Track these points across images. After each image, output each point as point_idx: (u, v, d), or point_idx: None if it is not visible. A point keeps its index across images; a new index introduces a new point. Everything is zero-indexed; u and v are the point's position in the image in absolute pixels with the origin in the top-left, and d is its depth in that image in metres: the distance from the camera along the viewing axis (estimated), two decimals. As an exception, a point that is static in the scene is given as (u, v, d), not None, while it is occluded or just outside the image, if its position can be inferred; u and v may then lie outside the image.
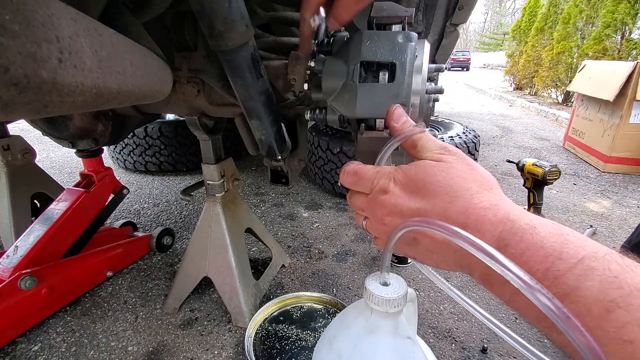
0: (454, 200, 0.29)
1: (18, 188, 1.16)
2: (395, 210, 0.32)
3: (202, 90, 0.75)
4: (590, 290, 0.21)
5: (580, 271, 0.22)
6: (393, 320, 0.40)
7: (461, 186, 0.30)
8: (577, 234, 0.25)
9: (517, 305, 0.27)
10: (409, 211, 0.31)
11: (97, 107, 0.37)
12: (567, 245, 0.24)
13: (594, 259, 0.22)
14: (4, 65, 0.24)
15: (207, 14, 0.46)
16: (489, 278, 0.28)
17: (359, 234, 1.44)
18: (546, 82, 5.32)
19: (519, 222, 0.26)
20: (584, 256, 0.23)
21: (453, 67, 17.46)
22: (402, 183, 0.32)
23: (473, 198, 0.29)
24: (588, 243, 0.24)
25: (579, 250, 0.23)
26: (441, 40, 1.34)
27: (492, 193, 0.30)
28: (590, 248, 0.23)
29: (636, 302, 0.20)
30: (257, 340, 0.87)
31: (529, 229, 0.25)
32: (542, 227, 0.25)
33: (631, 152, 2.17)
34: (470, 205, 0.28)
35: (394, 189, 0.32)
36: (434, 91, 0.46)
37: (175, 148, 2.09)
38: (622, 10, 3.88)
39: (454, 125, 2.11)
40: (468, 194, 0.29)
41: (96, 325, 0.95)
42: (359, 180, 0.35)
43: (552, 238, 0.24)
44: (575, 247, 0.23)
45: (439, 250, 0.32)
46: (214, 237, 0.94)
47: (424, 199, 0.31)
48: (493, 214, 0.27)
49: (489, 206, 0.28)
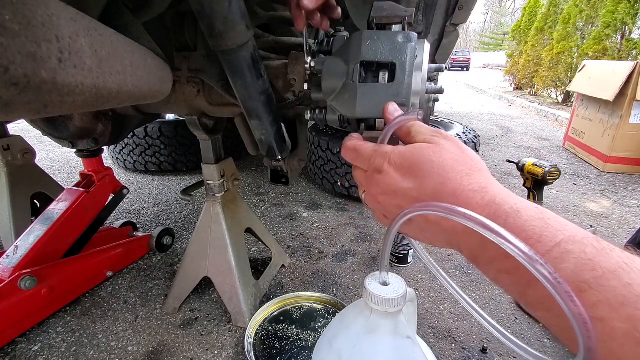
0: (445, 182, 0.30)
1: (18, 188, 1.16)
2: (388, 190, 0.34)
3: (202, 90, 0.75)
4: (565, 271, 0.22)
5: (557, 254, 0.23)
6: (393, 320, 0.40)
7: (453, 168, 0.31)
8: (559, 218, 0.26)
9: (502, 283, 0.29)
10: (401, 191, 0.33)
11: (97, 107, 0.37)
12: (547, 229, 0.25)
13: (571, 243, 0.24)
14: (4, 65, 0.24)
15: (207, 14, 0.46)
16: (477, 257, 0.30)
17: (359, 234, 1.44)
18: (546, 82, 5.32)
19: (504, 205, 0.27)
20: (562, 240, 0.24)
21: (453, 67, 17.45)
22: (397, 164, 0.33)
23: (463, 180, 0.30)
24: (568, 227, 0.25)
25: (558, 234, 0.24)
26: (441, 40, 1.34)
27: (482, 175, 0.31)
28: (569, 232, 0.24)
29: (607, 284, 0.21)
30: (257, 340, 0.87)
31: (512, 212, 0.27)
32: (525, 211, 0.27)
33: (631, 152, 2.17)
34: (460, 187, 0.30)
35: (389, 169, 0.34)
36: (434, 91, 0.46)
37: (175, 148, 2.09)
38: (622, 10, 3.88)
39: (454, 125, 2.11)
40: (459, 176, 0.30)
41: (96, 325, 0.95)
42: (357, 156, 0.37)
43: (534, 222, 0.26)
44: (554, 231, 0.25)
45: (430, 229, 0.33)
46: (214, 237, 0.94)
47: (417, 179, 0.32)
48: (481, 197, 0.29)
49: (478, 189, 0.29)
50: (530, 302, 0.26)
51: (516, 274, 0.26)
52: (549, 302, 0.24)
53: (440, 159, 0.31)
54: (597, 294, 0.21)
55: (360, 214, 1.62)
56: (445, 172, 0.31)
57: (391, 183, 0.33)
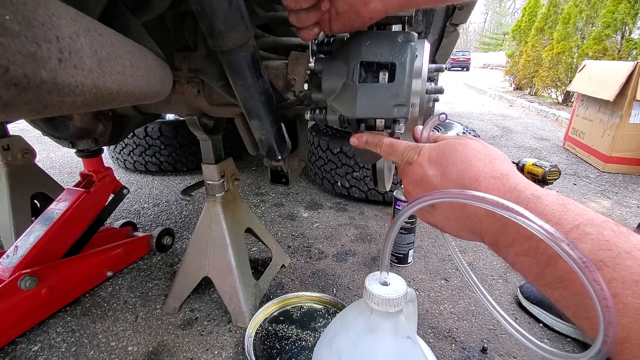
0: (467, 169, 0.33)
1: (18, 188, 1.16)
2: (416, 179, 0.37)
3: (202, 90, 0.75)
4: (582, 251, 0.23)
5: (576, 235, 0.24)
6: (393, 320, 0.40)
7: (475, 156, 0.33)
8: (580, 205, 0.27)
9: (520, 265, 0.29)
10: (427, 179, 0.35)
11: (97, 107, 0.37)
12: (566, 213, 0.26)
13: (589, 225, 0.25)
14: (4, 65, 0.24)
15: (207, 14, 0.46)
16: (497, 242, 0.31)
17: (359, 234, 1.44)
18: (546, 82, 5.32)
19: (525, 192, 0.29)
20: (580, 222, 0.25)
21: (453, 67, 17.45)
22: (426, 155, 0.36)
23: (485, 167, 0.32)
24: (587, 212, 0.26)
25: (577, 218, 0.25)
26: (441, 40, 1.34)
27: (504, 164, 0.33)
28: (588, 216, 0.25)
29: (623, 263, 0.22)
30: (257, 340, 0.87)
31: (533, 198, 0.28)
32: (546, 197, 0.28)
33: (631, 152, 2.17)
34: (482, 173, 0.32)
35: (418, 159, 0.37)
36: (434, 91, 0.46)
37: (175, 148, 2.09)
38: (622, 10, 3.88)
39: (454, 125, 2.11)
40: (481, 163, 0.33)
41: (96, 325, 0.95)
42: (393, 151, 0.41)
43: (554, 207, 0.27)
44: (573, 215, 0.26)
45: (455, 217, 0.35)
46: (214, 237, 0.94)
47: (441, 167, 0.34)
48: (502, 184, 0.30)
49: (499, 175, 0.31)
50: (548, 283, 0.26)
51: (535, 255, 0.27)
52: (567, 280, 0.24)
53: (464, 149, 0.34)
54: (611, 271, 0.22)
55: (360, 214, 1.62)
56: (468, 160, 0.33)
57: (419, 172, 0.36)
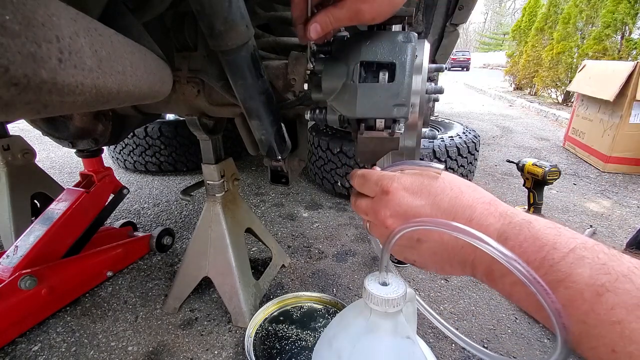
0: (459, 196, 0.31)
1: (18, 188, 1.16)
2: (399, 210, 0.33)
3: (202, 90, 0.75)
4: (582, 276, 0.23)
5: (573, 259, 0.24)
6: (392, 320, 0.40)
7: (463, 183, 0.33)
8: (568, 228, 0.27)
9: (517, 297, 0.29)
10: (412, 210, 0.32)
11: (97, 107, 0.37)
12: (560, 237, 0.26)
13: (584, 249, 0.25)
14: (4, 65, 0.24)
15: (207, 14, 0.46)
16: (491, 272, 0.30)
17: (359, 234, 1.44)
18: (546, 82, 5.32)
19: (516, 217, 0.29)
20: (575, 246, 0.25)
21: (453, 67, 17.45)
22: (406, 184, 0.34)
23: (476, 194, 0.32)
24: (578, 236, 0.26)
25: (571, 242, 0.25)
26: (441, 40, 1.34)
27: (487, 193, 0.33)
28: (581, 240, 0.26)
29: (622, 287, 0.22)
30: (257, 340, 0.87)
31: (525, 223, 0.28)
32: (536, 221, 0.28)
33: (631, 152, 2.17)
34: (475, 199, 0.31)
35: (397, 188, 0.34)
36: (434, 91, 0.46)
37: (175, 148, 2.09)
38: (622, 10, 3.88)
39: (454, 125, 2.11)
40: (470, 190, 0.32)
41: (96, 325, 0.95)
42: (365, 182, 0.37)
43: (547, 230, 0.27)
44: (567, 239, 0.26)
45: (444, 250, 0.33)
46: (214, 237, 0.94)
47: (429, 196, 0.32)
48: (495, 209, 0.30)
49: (490, 200, 0.31)
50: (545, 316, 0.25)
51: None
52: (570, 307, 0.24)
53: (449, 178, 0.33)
54: (614, 296, 0.22)
55: (360, 214, 1.62)
56: (458, 187, 0.32)
57: (401, 202, 0.33)
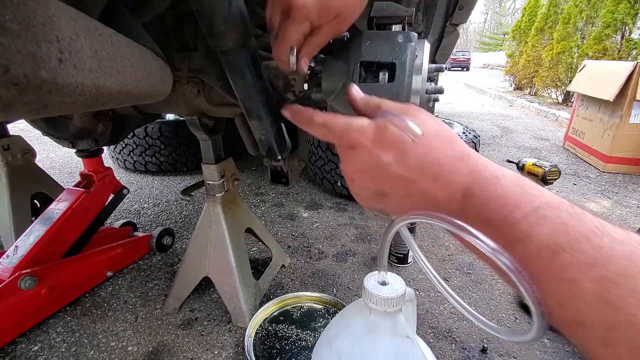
0: (429, 152, 0.29)
1: (18, 188, 1.16)
2: (364, 167, 0.32)
3: (202, 90, 0.75)
4: (541, 236, 0.24)
5: (534, 219, 0.24)
6: (392, 319, 0.40)
7: (435, 136, 0.30)
8: (536, 185, 0.27)
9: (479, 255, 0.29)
10: (380, 167, 0.30)
11: (97, 107, 0.37)
12: (524, 196, 0.26)
13: (547, 208, 0.25)
14: (4, 65, 0.24)
15: (207, 14, 0.46)
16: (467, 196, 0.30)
17: (359, 234, 1.44)
18: (546, 82, 5.32)
19: (484, 172, 0.28)
20: (538, 205, 0.25)
21: (453, 67, 17.45)
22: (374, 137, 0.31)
23: (447, 148, 0.30)
24: (544, 194, 0.26)
25: (535, 200, 0.25)
26: (441, 40, 1.34)
27: (462, 143, 0.31)
28: (546, 198, 0.26)
29: (579, 247, 0.22)
30: (257, 340, 0.87)
31: (492, 179, 0.28)
32: (504, 178, 0.28)
33: (631, 152, 2.17)
34: (444, 155, 0.29)
35: (365, 143, 0.31)
36: (434, 91, 0.46)
37: (175, 148, 2.09)
38: (622, 10, 3.88)
39: (454, 125, 2.11)
40: (442, 144, 0.30)
41: (96, 325, 0.95)
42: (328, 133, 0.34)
43: (512, 188, 0.27)
44: (531, 197, 0.26)
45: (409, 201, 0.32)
46: (214, 237, 0.94)
47: (398, 152, 0.30)
48: (464, 164, 0.29)
49: (461, 156, 0.30)
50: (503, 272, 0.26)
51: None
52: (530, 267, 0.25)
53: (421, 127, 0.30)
54: (569, 256, 0.22)
55: (361, 213, 1.62)
56: (429, 142, 0.29)
57: (368, 159, 0.31)
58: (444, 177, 0.29)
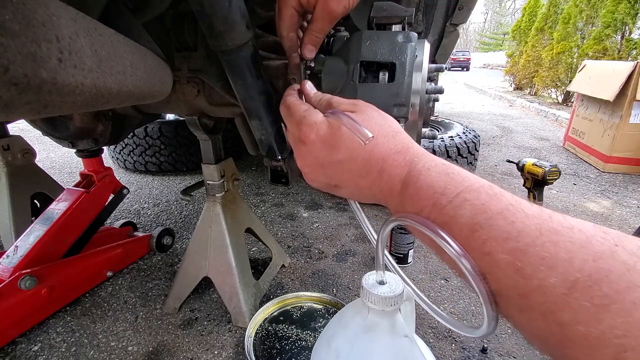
0: (374, 149, 0.32)
1: (18, 188, 1.16)
2: (315, 163, 0.35)
3: (202, 90, 0.75)
4: (463, 217, 0.26)
5: (457, 202, 0.26)
6: (390, 318, 0.40)
7: (380, 133, 0.33)
8: (463, 171, 0.29)
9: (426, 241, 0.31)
10: (331, 164, 0.34)
11: (97, 107, 0.37)
12: (450, 183, 0.28)
13: (468, 192, 0.27)
14: (4, 65, 0.24)
15: (207, 14, 0.46)
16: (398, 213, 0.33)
17: (359, 234, 1.44)
18: (546, 82, 5.32)
19: (418, 164, 0.30)
20: (461, 190, 0.27)
21: (453, 67, 17.45)
22: (325, 136, 0.34)
23: (389, 143, 0.32)
24: (467, 179, 0.28)
25: (458, 186, 0.27)
26: (441, 40, 1.34)
27: (403, 136, 0.33)
28: (468, 182, 0.27)
29: (495, 223, 0.24)
30: (257, 340, 0.87)
31: (424, 170, 0.30)
32: (435, 168, 0.30)
33: (631, 152, 2.17)
34: (387, 150, 0.32)
35: (316, 141, 0.34)
36: (434, 91, 0.46)
37: (175, 148, 2.09)
38: (622, 10, 3.88)
39: (454, 125, 2.11)
40: (385, 140, 0.32)
41: (96, 325, 0.95)
42: (289, 116, 0.38)
43: (440, 177, 0.29)
44: (456, 184, 0.28)
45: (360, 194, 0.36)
46: (214, 237, 0.94)
47: (347, 150, 0.33)
48: (402, 158, 0.32)
49: (401, 149, 0.32)
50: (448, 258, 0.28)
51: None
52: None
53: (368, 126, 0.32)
54: (486, 232, 0.24)
55: (360, 214, 1.62)
56: (375, 139, 0.32)
57: (319, 156, 0.34)
58: (387, 171, 0.32)
